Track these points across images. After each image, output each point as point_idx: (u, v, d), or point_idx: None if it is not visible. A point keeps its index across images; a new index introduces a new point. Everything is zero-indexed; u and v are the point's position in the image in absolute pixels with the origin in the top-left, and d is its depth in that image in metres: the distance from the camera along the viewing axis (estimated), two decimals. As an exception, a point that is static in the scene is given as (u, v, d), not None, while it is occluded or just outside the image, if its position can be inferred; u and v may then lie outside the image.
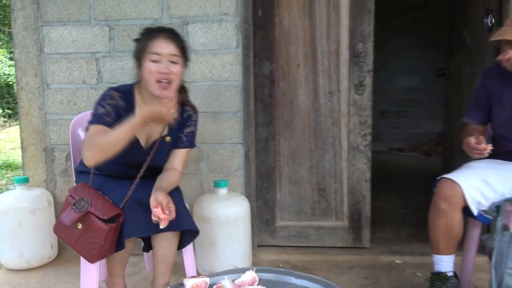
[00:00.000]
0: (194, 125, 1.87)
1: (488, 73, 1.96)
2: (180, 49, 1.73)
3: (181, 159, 1.84)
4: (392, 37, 5.80)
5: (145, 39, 1.72)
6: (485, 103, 1.94)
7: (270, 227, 2.60)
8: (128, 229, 1.63)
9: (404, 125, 6.17)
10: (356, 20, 2.39)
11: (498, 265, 1.79)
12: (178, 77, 1.73)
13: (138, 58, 1.74)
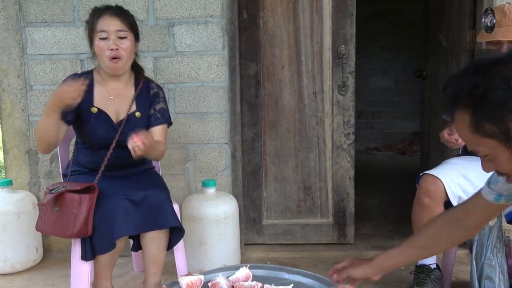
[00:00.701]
0: (164, 101, 1.92)
1: None
2: (127, 24, 1.78)
3: (161, 134, 1.88)
4: (366, 40, 5.93)
5: (92, 19, 1.79)
6: None
7: (257, 225, 2.64)
8: (118, 228, 1.64)
9: (379, 125, 6.33)
10: (339, 23, 2.46)
11: (478, 257, 1.89)
12: (127, 52, 1.78)
13: (90, 38, 1.80)
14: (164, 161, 2.46)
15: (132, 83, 1.89)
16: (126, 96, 1.86)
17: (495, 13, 1.84)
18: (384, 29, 5.90)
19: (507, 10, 1.82)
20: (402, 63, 5.88)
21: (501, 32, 1.80)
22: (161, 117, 1.88)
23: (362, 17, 5.89)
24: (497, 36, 1.81)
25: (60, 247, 2.54)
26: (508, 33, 1.79)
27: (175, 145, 2.48)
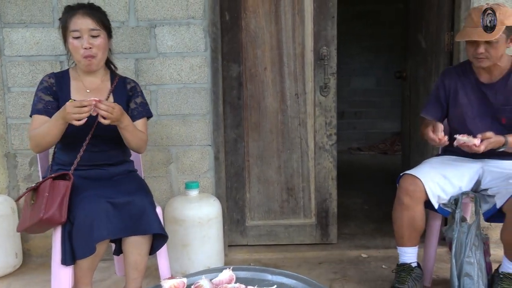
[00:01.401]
0: (142, 95, 1.99)
1: (447, 72, 2.11)
2: (99, 22, 1.82)
3: (143, 127, 1.93)
4: (347, 41, 5.98)
5: (65, 17, 1.83)
6: (443, 100, 2.07)
7: (240, 227, 2.64)
8: (98, 232, 1.63)
9: (361, 125, 6.39)
10: (320, 24, 2.48)
11: (458, 254, 1.93)
12: (101, 50, 1.83)
13: (63, 36, 1.85)
14: (146, 163, 2.45)
15: (108, 78, 1.95)
16: (102, 90, 1.91)
17: (475, 13, 1.87)
18: (365, 30, 5.96)
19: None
20: (383, 64, 5.94)
21: (478, 32, 1.83)
22: (142, 111, 1.96)
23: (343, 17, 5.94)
24: (474, 36, 1.84)
25: (40, 252, 2.49)
26: (484, 33, 1.82)
27: (157, 147, 2.47)
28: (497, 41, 1.83)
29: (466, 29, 1.89)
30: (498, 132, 1.96)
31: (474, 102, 1.99)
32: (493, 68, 1.93)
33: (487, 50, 1.85)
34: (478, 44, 1.85)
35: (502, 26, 1.81)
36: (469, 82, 2.01)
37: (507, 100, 1.93)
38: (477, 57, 1.88)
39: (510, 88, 1.93)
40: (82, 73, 1.90)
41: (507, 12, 1.85)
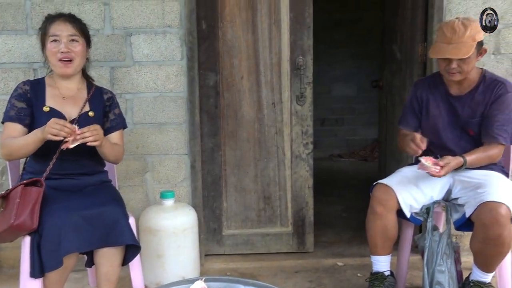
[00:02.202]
0: (118, 106, 2.02)
1: (419, 83, 2.15)
2: (78, 30, 1.86)
3: (119, 139, 1.97)
4: (329, 48, 6.07)
5: (45, 24, 1.86)
6: (417, 111, 2.11)
7: (217, 236, 2.63)
8: (65, 245, 1.61)
9: (342, 132, 6.44)
10: (296, 34, 2.50)
11: (430, 263, 1.96)
12: (79, 56, 1.86)
13: (42, 42, 1.87)
14: (121, 172, 2.42)
15: (84, 86, 1.96)
16: (79, 98, 1.91)
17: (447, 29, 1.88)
18: (345, 38, 6.03)
19: (457, 27, 1.87)
20: (363, 72, 6.01)
21: (450, 49, 1.85)
22: (120, 122, 1.99)
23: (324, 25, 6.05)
24: (447, 54, 1.87)
25: (11, 264, 2.43)
26: (457, 50, 1.85)
27: (133, 156, 2.45)
28: (469, 57, 1.86)
29: (439, 45, 1.91)
30: (467, 143, 2.00)
31: (444, 114, 2.03)
32: (463, 80, 1.98)
33: (459, 65, 1.88)
34: (451, 60, 1.87)
35: (474, 43, 1.85)
36: (439, 94, 2.05)
37: (474, 113, 1.98)
38: (450, 71, 1.91)
39: (476, 102, 1.97)
40: (59, 80, 1.90)
41: (477, 27, 1.90)
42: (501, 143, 1.93)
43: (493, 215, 1.72)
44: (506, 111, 1.92)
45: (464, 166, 1.89)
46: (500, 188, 1.83)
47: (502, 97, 1.93)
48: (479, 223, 1.79)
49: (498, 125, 1.92)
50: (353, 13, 5.90)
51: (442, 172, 1.83)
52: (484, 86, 1.98)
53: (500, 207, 1.73)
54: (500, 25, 2.45)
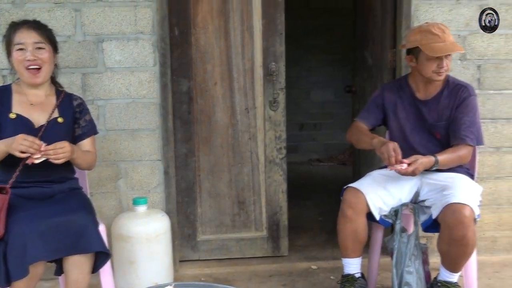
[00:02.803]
0: (89, 113, 2.00)
1: (388, 86, 2.21)
2: (44, 36, 1.83)
3: (91, 145, 1.96)
4: (306, 54, 6.15)
5: (9, 32, 1.84)
6: (381, 109, 2.16)
7: (191, 241, 2.63)
8: (31, 253, 1.59)
9: (321, 137, 6.51)
10: (269, 40, 2.53)
11: (398, 264, 2.00)
12: (47, 63, 1.83)
13: (8, 52, 1.84)
14: (94, 179, 2.41)
15: (53, 93, 1.93)
16: (47, 104, 1.89)
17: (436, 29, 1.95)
18: (322, 44, 6.12)
19: (443, 26, 1.98)
20: (340, 77, 6.09)
21: (450, 46, 1.94)
22: (91, 128, 1.97)
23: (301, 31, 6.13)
24: (453, 50, 1.96)
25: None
26: (454, 46, 1.94)
27: (105, 163, 2.43)
28: (451, 55, 1.99)
29: (435, 45, 1.92)
30: (435, 146, 2.05)
31: (411, 117, 2.08)
32: (429, 85, 2.04)
33: (447, 63, 1.97)
34: (441, 59, 1.94)
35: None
36: (406, 98, 2.11)
37: (440, 117, 2.04)
38: (440, 71, 1.96)
39: (442, 106, 2.03)
40: (26, 87, 1.87)
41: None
42: (469, 144, 1.98)
43: (456, 216, 1.77)
44: (470, 114, 1.99)
45: (436, 166, 1.93)
46: (464, 190, 1.89)
47: (466, 100, 2.00)
48: (444, 225, 1.83)
49: (464, 127, 1.98)
50: (330, 19, 6.00)
51: (410, 168, 1.86)
52: (448, 90, 2.04)
53: (464, 208, 1.78)
54: (466, 31, 2.54)
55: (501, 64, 2.56)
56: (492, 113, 2.58)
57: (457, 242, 1.81)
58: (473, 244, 1.83)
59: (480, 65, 2.56)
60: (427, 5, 2.49)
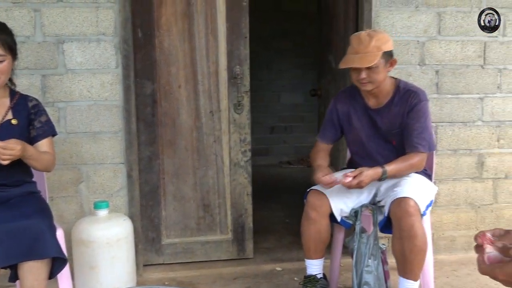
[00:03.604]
0: (45, 113, 1.94)
1: (340, 97, 2.20)
2: (5, 47, 1.76)
3: (48, 146, 1.90)
4: (276, 57, 6.21)
5: None
6: (337, 123, 2.17)
7: (156, 245, 2.60)
8: None
9: (291, 139, 6.57)
10: (233, 44, 2.54)
11: (358, 264, 2.04)
12: (5, 74, 1.79)
13: None
14: (54, 183, 2.36)
15: (7, 94, 1.88)
16: (0, 106, 1.84)
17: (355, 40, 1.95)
18: (291, 48, 6.19)
19: (363, 38, 1.94)
20: (309, 81, 6.17)
21: (357, 59, 1.92)
22: (48, 129, 1.91)
23: (271, 34, 6.17)
24: (353, 63, 1.94)
25: None
26: (362, 60, 1.91)
27: (66, 166, 2.39)
28: (377, 66, 1.92)
29: (348, 56, 1.97)
30: (391, 153, 2.06)
31: (366, 126, 2.09)
32: (378, 93, 2.04)
33: (368, 75, 1.94)
34: (360, 70, 1.93)
35: (380, 52, 1.91)
36: (359, 107, 2.10)
37: (393, 125, 2.04)
38: (361, 82, 1.98)
39: (393, 114, 2.03)
40: None
41: (383, 38, 1.95)
42: (421, 151, 1.99)
43: (402, 207, 1.82)
44: (422, 119, 1.99)
45: (384, 176, 1.93)
46: (412, 185, 1.94)
47: (417, 106, 1.99)
48: (393, 219, 1.87)
49: (416, 134, 1.98)
50: (300, 23, 6.07)
51: (355, 181, 1.87)
52: (399, 97, 2.04)
53: (408, 200, 1.83)
54: (425, 38, 2.62)
55: (457, 69, 2.66)
56: (450, 117, 2.68)
57: (406, 234, 1.81)
58: (422, 237, 1.83)
59: (438, 70, 2.64)
60: (387, 11, 2.56)
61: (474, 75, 2.67)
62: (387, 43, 1.95)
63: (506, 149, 2.74)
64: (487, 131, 2.72)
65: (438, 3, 2.59)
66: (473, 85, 2.68)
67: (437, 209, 2.71)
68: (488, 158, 2.73)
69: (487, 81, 2.69)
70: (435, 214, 2.70)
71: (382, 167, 1.93)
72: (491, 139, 2.73)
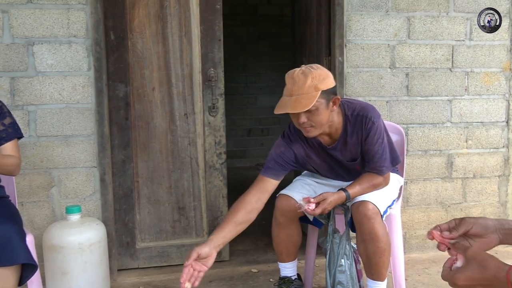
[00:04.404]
0: (10, 115, 1.90)
1: (292, 139, 1.96)
2: None
3: (14, 149, 1.85)
4: (253, 61, 6.24)
5: None
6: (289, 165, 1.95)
7: (130, 249, 2.58)
8: None
9: (268, 141, 6.60)
10: (207, 47, 2.55)
11: (331, 264, 2.07)
12: None
13: None
14: (25, 188, 2.31)
15: None
16: None
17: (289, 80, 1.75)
18: (268, 50, 6.23)
19: (296, 77, 1.71)
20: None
21: (291, 102, 1.69)
22: (12, 132, 1.86)
23: (248, 38, 6.19)
24: (286, 108, 1.70)
25: None
26: (297, 103, 1.67)
27: (37, 170, 2.34)
28: (316, 108, 1.69)
29: (282, 99, 1.75)
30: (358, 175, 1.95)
31: (328, 160, 1.99)
32: (329, 132, 1.87)
33: (309, 119, 1.72)
34: (299, 114, 1.71)
35: (317, 92, 1.68)
36: (315, 146, 1.95)
37: (353, 155, 1.93)
38: (302, 127, 1.76)
39: (351, 145, 1.90)
40: None
41: (320, 75, 1.71)
42: (384, 173, 1.90)
43: (361, 210, 1.84)
44: (380, 141, 1.85)
45: (348, 199, 1.86)
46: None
47: (372, 130, 1.83)
48: (355, 222, 1.90)
49: (378, 158, 1.87)
50: (276, 26, 6.12)
51: (318, 210, 1.78)
52: (351, 126, 1.86)
53: (367, 204, 1.84)
54: (395, 41, 2.68)
55: (427, 72, 2.73)
56: (420, 118, 2.75)
57: (367, 237, 1.83)
58: (383, 238, 1.83)
59: (408, 73, 2.71)
60: (359, 15, 2.61)
61: (442, 78, 2.75)
62: (325, 80, 1.71)
63: (473, 150, 2.83)
64: (455, 132, 2.80)
65: (408, 7, 2.66)
66: (442, 87, 2.75)
67: (409, 208, 2.78)
68: (457, 158, 2.81)
69: (455, 84, 2.77)
70: (407, 214, 2.76)
71: (345, 191, 1.85)
72: (460, 140, 2.81)
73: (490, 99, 2.82)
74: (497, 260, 0.83)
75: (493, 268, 0.81)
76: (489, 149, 2.84)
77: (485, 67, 2.79)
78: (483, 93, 2.81)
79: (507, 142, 2.86)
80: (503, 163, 2.87)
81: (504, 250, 2.75)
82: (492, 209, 2.89)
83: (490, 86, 2.81)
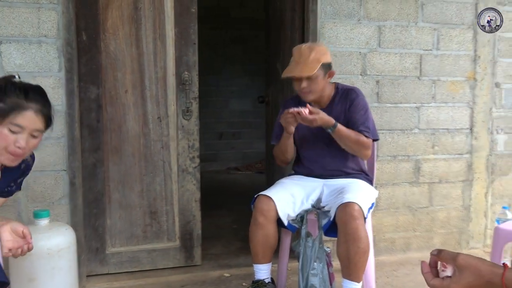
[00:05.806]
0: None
1: (288, 103, 2.29)
2: (47, 122, 1.58)
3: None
4: (225, 64, 6.25)
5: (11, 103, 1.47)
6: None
7: (100, 255, 2.52)
8: None
9: (239, 145, 6.62)
10: (182, 50, 2.54)
11: (304, 267, 2.09)
12: (31, 150, 1.59)
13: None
14: (-11, 192, 2.22)
15: None
16: None
17: (296, 52, 2.10)
18: (241, 54, 6.26)
19: (303, 50, 2.10)
20: (258, 87, 6.26)
21: (298, 69, 2.07)
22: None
23: (221, 41, 6.20)
24: (294, 72, 2.08)
25: None
26: (302, 69, 2.05)
27: (3, 174, 2.26)
28: (316, 77, 2.08)
29: (290, 66, 2.11)
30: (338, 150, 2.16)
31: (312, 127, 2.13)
32: (320, 99, 2.19)
33: (308, 84, 2.09)
34: (301, 80, 2.08)
35: (318, 64, 2.06)
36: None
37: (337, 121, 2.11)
38: (302, 91, 2.11)
39: (336, 112, 2.16)
40: None
41: (322, 50, 2.11)
42: (367, 137, 2.11)
43: (347, 211, 1.90)
44: (362, 112, 2.14)
45: (332, 128, 2.04)
46: (357, 192, 2.04)
47: (356, 100, 2.16)
48: (339, 223, 1.95)
49: (360, 123, 2.12)
50: (249, 30, 6.15)
51: (310, 116, 1.98)
52: (338, 96, 2.20)
53: (353, 205, 1.92)
54: (366, 49, 2.75)
55: (396, 80, 2.82)
56: (389, 125, 2.83)
57: (350, 236, 1.89)
58: (365, 239, 1.90)
59: (379, 80, 2.79)
60: (332, 23, 2.67)
61: (411, 86, 2.84)
62: (325, 55, 2.11)
63: (440, 155, 2.93)
64: (423, 138, 2.90)
65: (379, 17, 2.74)
66: (411, 95, 2.85)
67: (378, 212, 2.84)
68: (424, 164, 2.91)
69: (423, 91, 2.87)
70: (376, 217, 2.83)
71: (335, 121, 2.04)
72: (427, 146, 2.91)
73: (455, 106, 2.93)
74: (488, 263, 0.83)
75: (487, 274, 0.81)
76: (454, 155, 2.96)
77: (451, 76, 2.90)
78: (449, 101, 2.92)
79: (471, 148, 2.98)
80: (467, 168, 2.99)
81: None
82: (456, 213, 3.00)
83: (455, 94, 2.92)
